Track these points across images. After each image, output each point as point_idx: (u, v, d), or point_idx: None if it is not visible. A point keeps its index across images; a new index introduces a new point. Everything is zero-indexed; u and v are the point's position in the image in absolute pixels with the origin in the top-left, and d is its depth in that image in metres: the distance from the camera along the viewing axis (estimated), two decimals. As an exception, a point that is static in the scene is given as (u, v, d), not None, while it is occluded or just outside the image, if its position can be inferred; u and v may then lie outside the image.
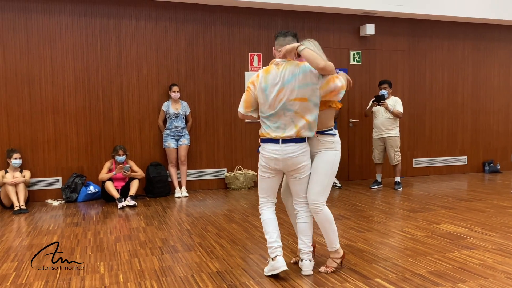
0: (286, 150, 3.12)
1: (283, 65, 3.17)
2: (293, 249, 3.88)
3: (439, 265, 3.37)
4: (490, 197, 6.14)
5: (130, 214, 5.50)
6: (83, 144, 6.63)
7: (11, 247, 4.13)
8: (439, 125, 8.58)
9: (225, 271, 3.35)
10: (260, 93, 3.20)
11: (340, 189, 7.12)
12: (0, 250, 4.03)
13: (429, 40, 8.39)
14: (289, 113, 3.12)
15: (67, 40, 6.50)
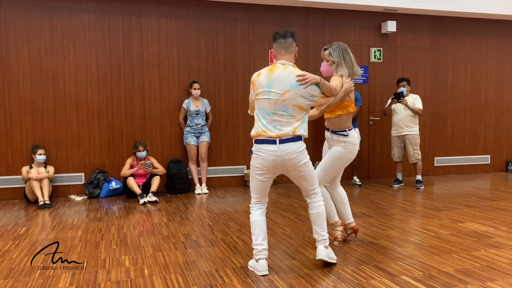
0: (284, 151, 3.10)
1: (289, 68, 3.17)
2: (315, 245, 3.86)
3: (465, 263, 3.32)
4: (515, 196, 6.03)
5: (152, 210, 5.54)
6: (105, 140, 6.71)
7: (38, 240, 4.20)
8: (461, 123, 8.45)
9: (248, 266, 3.35)
10: (261, 90, 3.16)
11: (360, 187, 7.07)
12: (27, 243, 4.10)
13: (451, 37, 8.27)
14: (287, 115, 3.13)
15: (90, 38, 6.58)
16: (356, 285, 2.94)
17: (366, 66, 7.86)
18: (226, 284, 3.00)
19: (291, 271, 3.24)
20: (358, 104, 7.06)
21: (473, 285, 2.90)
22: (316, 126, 7.10)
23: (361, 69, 7.59)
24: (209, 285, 3.00)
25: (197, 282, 3.04)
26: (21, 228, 4.67)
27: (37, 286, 3.04)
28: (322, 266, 3.31)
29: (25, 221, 5.04)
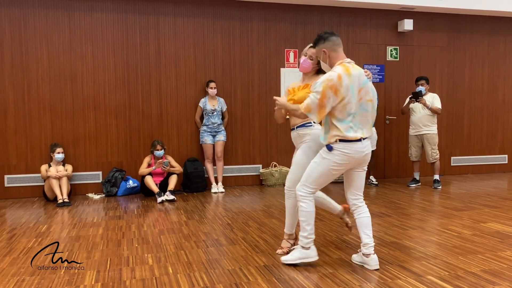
0: (366, 147, 3.24)
1: (355, 65, 3.26)
2: (337, 244, 3.85)
3: (492, 264, 3.28)
4: (536, 196, 5.96)
5: (170, 208, 5.56)
6: (122, 139, 6.74)
7: (60, 238, 4.23)
8: (478, 123, 8.36)
9: (272, 265, 3.35)
10: (346, 93, 3.10)
11: (377, 187, 7.02)
12: (49, 241, 4.14)
13: (469, 35, 8.18)
14: (365, 113, 3.18)
15: (108, 37, 6.62)
16: (382, 285, 2.92)
17: (382, 65, 7.81)
18: (251, 283, 3.00)
19: (315, 270, 3.22)
20: (375, 103, 7.02)
21: (501, 286, 2.87)
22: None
23: (376, 67, 7.68)
24: (234, 283, 2.99)
25: (222, 281, 3.04)
26: (43, 226, 4.71)
27: (63, 283, 3.06)
28: (345, 266, 3.30)
29: (46, 219, 5.08)
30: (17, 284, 3.06)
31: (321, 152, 3.30)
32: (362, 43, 7.69)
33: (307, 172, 3.30)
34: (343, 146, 3.17)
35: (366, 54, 7.73)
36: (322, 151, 3.30)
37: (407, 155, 7.87)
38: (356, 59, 7.65)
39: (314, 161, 3.31)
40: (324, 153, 3.26)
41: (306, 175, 3.29)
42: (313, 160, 3.32)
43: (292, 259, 3.34)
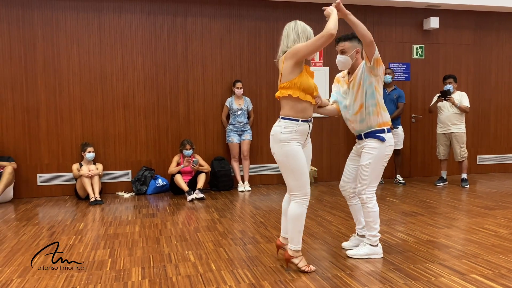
0: None
1: None
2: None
3: (534, 263, 3.27)
4: None
5: (200, 207, 5.63)
6: (151, 138, 6.83)
7: (99, 235, 4.32)
8: (505, 121, 8.28)
9: (313, 263, 3.38)
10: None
11: (404, 186, 7.01)
12: (89, 238, 4.23)
13: (495, 33, 8.10)
14: None
15: (137, 38, 6.71)
16: (427, 283, 2.93)
17: (408, 63, 7.78)
18: (295, 280, 3.04)
19: (356, 268, 3.25)
20: (402, 101, 7.01)
21: (548, 285, 2.86)
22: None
23: (402, 65, 7.65)
24: (278, 280, 3.04)
25: (266, 278, 3.09)
26: (79, 224, 4.81)
27: (111, 279, 3.14)
28: (387, 264, 3.32)
29: (81, 216, 5.18)
30: (68, 280, 3.14)
31: (368, 149, 3.39)
32: (387, 41, 7.66)
33: (366, 175, 3.38)
34: (391, 135, 3.44)
35: (391, 53, 7.70)
36: (369, 148, 3.37)
37: (433, 154, 7.84)
38: (381, 58, 7.62)
39: (367, 163, 3.38)
40: (373, 149, 3.36)
41: (366, 177, 3.38)
42: (365, 163, 3.38)
43: (361, 254, 3.46)
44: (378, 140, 3.36)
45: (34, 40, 6.39)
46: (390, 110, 6.96)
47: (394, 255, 3.54)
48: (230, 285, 2.97)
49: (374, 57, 3.24)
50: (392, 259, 3.44)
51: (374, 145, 3.37)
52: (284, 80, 3.11)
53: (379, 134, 3.37)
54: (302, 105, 3.12)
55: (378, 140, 3.36)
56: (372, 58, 3.24)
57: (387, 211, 5.17)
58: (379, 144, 3.36)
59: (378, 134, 3.37)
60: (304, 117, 3.13)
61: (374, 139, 3.38)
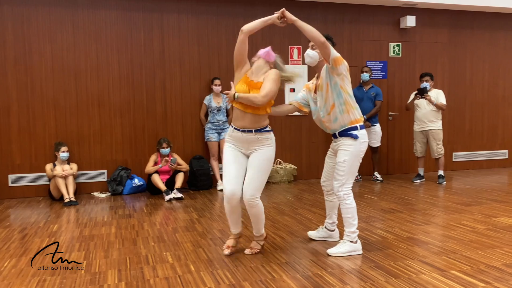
0: None
1: None
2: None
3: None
4: (541, 191, 6.02)
5: (178, 206, 5.53)
6: (127, 137, 6.69)
7: (73, 237, 4.19)
8: (479, 118, 8.43)
9: (294, 261, 3.35)
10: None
11: (381, 183, 7.05)
12: (64, 240, 4.09)
13: (470, 32, 8.23)
14: None
15: (112, 35, 6.56)
16: (408, 280, 2.93)
17: (385, 61, 7.84)
18: (277, 280, 2.99)
19: (337, 266, 3.23)
20: (379, 99, 7.05)
21: (525, 280, 2.89)
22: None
23: (379, 63, 7.69)
24: (259, 280, 2.99)
25: (246, 278, 3.03)
26: (53, 225, 4.66)
27: (85, 282, 3.04)
28: (367, 262, 3.31)
29: (55, 218, 5.03)
30: (40, 284, 3.02)
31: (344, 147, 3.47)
32: (365, 39, 7.70)
33: (343, 172, 3.44)
34: (364, 132, 3.51)
35: (369, 51, 7.74)
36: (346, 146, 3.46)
37: (410, 151, 7.91)
38: (359, 56, 7.68)
39: (343, 160, 3.45)
40: (349, 146, 3.45)
41: (343, 174, 3.45)
42: (342, 160, 3.46)
43: (342, 252, 3.46)
44: (352, 138, 3.43)
45: (3, 36, 6.17)
46: (367, 108, 7.01)
47: (374, 252, 3.53)
48: (210, 286, 2.91)
49: (332, 57, 3.34)
50: (372, 256, 3.43)
51: (349, 143, 3.47)
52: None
53: (352, 132, 3.45)
54: (235, 112, 3.48)
55: (352, 138, 3.44)
56: (329, 59, 3.34)
57: (366, 208, 5.18)
58: (353, 142, 3.45)
59: (351, 132, 3.46)
60: (235, 125, 3.45)
61: (348, 137, 3.46)
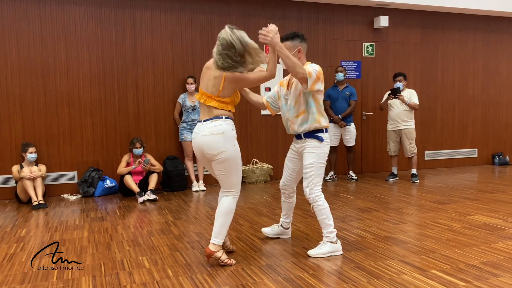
0: None
1: None
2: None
3: (489, 256, 3.35)
4: (511, 189, 6.16)
5: (153, 208, 5.40)
6: (98, 137, 6.50)
7: (43, 242, 4.01)
8: (450, 117, 8.60)
9: (275, 264, 3.29)
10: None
11: (356, 182, 7.10)
12: (32, 245, 3.92)
13: (441, 32, 8.38)
14: None
15: (82, 31, 6.35)
16: (390, 281, 2.92)
17: (359, 61, 7.89)
18: (258, 283, 2.93)
19: (318, 268, 3.19)
20: (353, 99, 7.09)
21: (504, 277, 2.92)
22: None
23: (353, 63, 7.74)
24: (240, 284, 2.92)
25: (227, 282, 2.96)
26: (21, 230, 4.47)
27: (58, 291, 2.90)
28: (348, 262, 3.28)
29: (23, 222, 4.82)
30: (8, 294, 2.87)
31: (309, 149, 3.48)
32: (339, 39, 7.73)
33: (312, 174, 3.43)
34: (328, 135, 3.56)
35: (343, 50, 7.77)
36: (311, 148, 3.47)
37: (383, 150, 8.00)
38: (333, 56, 7.70)
39: (311, 163, 3.45)
40: (314, 148, 3.47)
41: (312, 176, 3.43)
42: (309, 163, 3.45)
43: (322, 253, 3.43)
44: (318, 140, 3.46)
45: (-34, 32, 5.89)
46: (342, 107, 7.04)
47: (354, 252, 3.52)
48: (189, 291, 2.82)
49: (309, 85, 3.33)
50: (352, 257, 3.42)
51: (315, 145, 3.48)
52: (225, 94, 3.22)
53: (318, 134, 3.48)
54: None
55: (317, 140, 3.47)
56: (306, 86, 3.34)
57: (343, 207, 5.19)
58: (319, 144, 3.48)
59: (317, 134, 3.48)
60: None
61: (314, 139, 3.48)
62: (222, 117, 3.21)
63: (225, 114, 3.23)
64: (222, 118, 3.21)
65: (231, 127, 3.23)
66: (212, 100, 3.22)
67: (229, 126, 3.20)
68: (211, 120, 3.21)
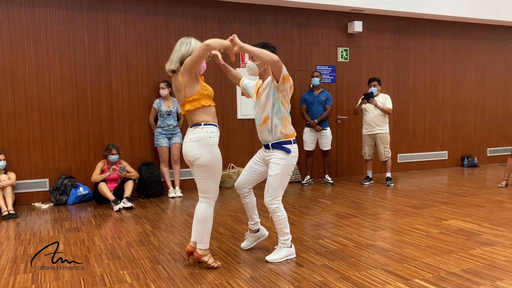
0: None
1: None
2: (317, 250, 3.84)
3: (468, 263, 3.43)
4: (482, 191, 6.34)
5: (129, 217, 5.29)
6: (70, 143, 6.31)
7: (17, 256, 3.86)
8: (421, 121, 8.78)
9: (260, 276, 3.27)
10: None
11: (332, 186, 7.15)
12: (5, 260, 3.76)
13: (412, 37, 8.55)
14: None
15: (53, 34, 6.15)
16: (375, 292, 2.94)
17: (333, 66, 7.96)
18: (244, 298, 2.90)
19: (304, 279, 3.19)
20: (329, 103, 7.15)
21: (484, 286, 2.99)
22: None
23: (328, 68, 7.80)
24: (226, 299, 2.88)
25: (213, 297, 2.91)
26: (-8, 243, 4.28)
27: (37, 311, 2.78)
28: (333, 273, 3.29)
29: (-7, 234, 4.63)
30: (-16, 316, 2.74)
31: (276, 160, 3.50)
32: (314, 44, 7.77)
33: (276, 185, 3.49)
34: (296, 146, 3.59)
35: (318, 55, 7.82)
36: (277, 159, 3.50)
37: (358, 154, 8.10)
38: (308, 60, 7.74)
39: (275, 174, 3.49)
40: (281, 160, 3.50)
41: (276, 187, 3.49)
42: (274, 173, 3.49)
43: (280, 258, 3.58)
44: (285, 152, 3.49)
45: None
46: (318, 112, 7.08)
47: (338, 262, 3.53)
48: (175, 308, 2.76)
49: (282, 75, 3.35)
50: (336, 266, 3.43)
51: (281, 156, 3.51)
52: (190, 93, 3.27)
53: (286, 146, 3.51)
54: (213, 109, 3.39)
55: (284, 151, 3.49)
56: (279, 77, 3.35)
57: (321, 213, 5.21)
58: (286, 155, 3.50)
59: (285, 145, 3.51)
60: (216, 122, 3.40)
61: (281, 151, 3.51)
62: (200, 124, 3.30)
63: (204, 121, 3.30)
64: (200, 125, 3.30)
65: (209, 134, 3.28)
66: (185, 105, 3.33)
67: (205, 133, 3.27)
68: (192, 127, 3.35)
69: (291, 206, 5.66)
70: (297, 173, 7.57)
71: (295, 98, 7.55)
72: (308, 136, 7.17)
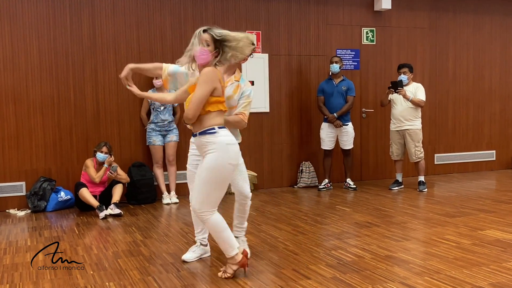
0: None
1: None
2: (328, 261, 4.09)
3: (499, 277, 3.66)
4: (530, 198, 6.55)
5: (117, 225, 5.61)
6: (50, 141, 6.66)
7: (-8, 267, 4.20)
8: (463, 115, 8.95)
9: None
10: None
11: (355, 191, 7.39)
12: (-21, 271, 4.10)
13: (452, 16, 8.72)
14: None
15: (30, 15, 6.50)
16: (388, 306, 3.20)
17: (357, 50, 8.18)
18: (242, 311, 3.18)
19: (310, 292, 3.46)
20: (351, 94, 7.36)
21: (513, 300, 3.23)
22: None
23: (351, 52, 8.04)
24: (222, 312, 3.16)
25: (207, 310, 3.20)
26: (-36, 253, 4.64)
27: (15, 322, 3.10)
28: (343, 285, 3.55)
29: (-36, 244, 4.98)
30: (-42, 327, 3.06)
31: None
32: (334, 24, 8.00)
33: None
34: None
35: (339, 37, 8.05)
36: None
37: (386, 154, 8.30)
38: (327, 43, 7.98)
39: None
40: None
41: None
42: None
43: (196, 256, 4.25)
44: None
45: None
46: (338, 104, 7.29)
47: (350, 274, 3.79)
48: (165, 321, 3.05)
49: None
50: (348, 279, 3.69)
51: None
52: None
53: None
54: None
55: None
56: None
57: (338, 222, 5.47)
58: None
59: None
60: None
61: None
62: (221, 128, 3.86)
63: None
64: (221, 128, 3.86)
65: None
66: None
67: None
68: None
69: (303, 214, 5.93)
70: (313, 176, 7.81)
71: (311, 88, 7.81)
72: (326, 132, 7.40)
